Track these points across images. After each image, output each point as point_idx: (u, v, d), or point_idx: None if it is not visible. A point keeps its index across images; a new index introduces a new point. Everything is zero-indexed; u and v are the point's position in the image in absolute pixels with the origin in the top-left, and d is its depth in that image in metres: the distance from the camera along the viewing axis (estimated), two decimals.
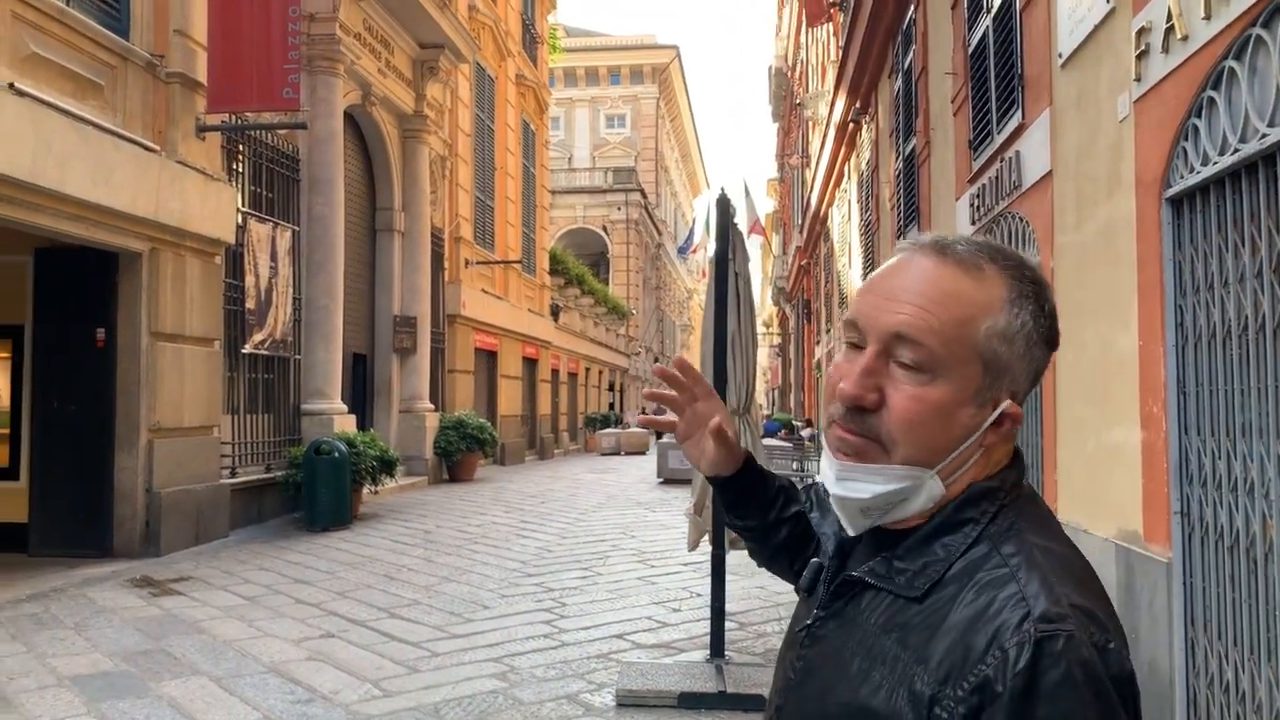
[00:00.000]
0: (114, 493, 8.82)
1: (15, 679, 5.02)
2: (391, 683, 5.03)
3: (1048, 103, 5.56)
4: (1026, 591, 0.84)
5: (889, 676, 0.87)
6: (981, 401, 0.91)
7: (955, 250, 0.93)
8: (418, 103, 15.79)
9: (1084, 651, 0.80)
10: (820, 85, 24.62)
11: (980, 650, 0.82)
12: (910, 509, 0.94)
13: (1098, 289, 4.78)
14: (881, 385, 0.91)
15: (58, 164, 7.54)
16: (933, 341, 0.89)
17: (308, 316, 12.32)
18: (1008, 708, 0.79)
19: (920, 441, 0.91)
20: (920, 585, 0.90)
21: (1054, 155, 5.46)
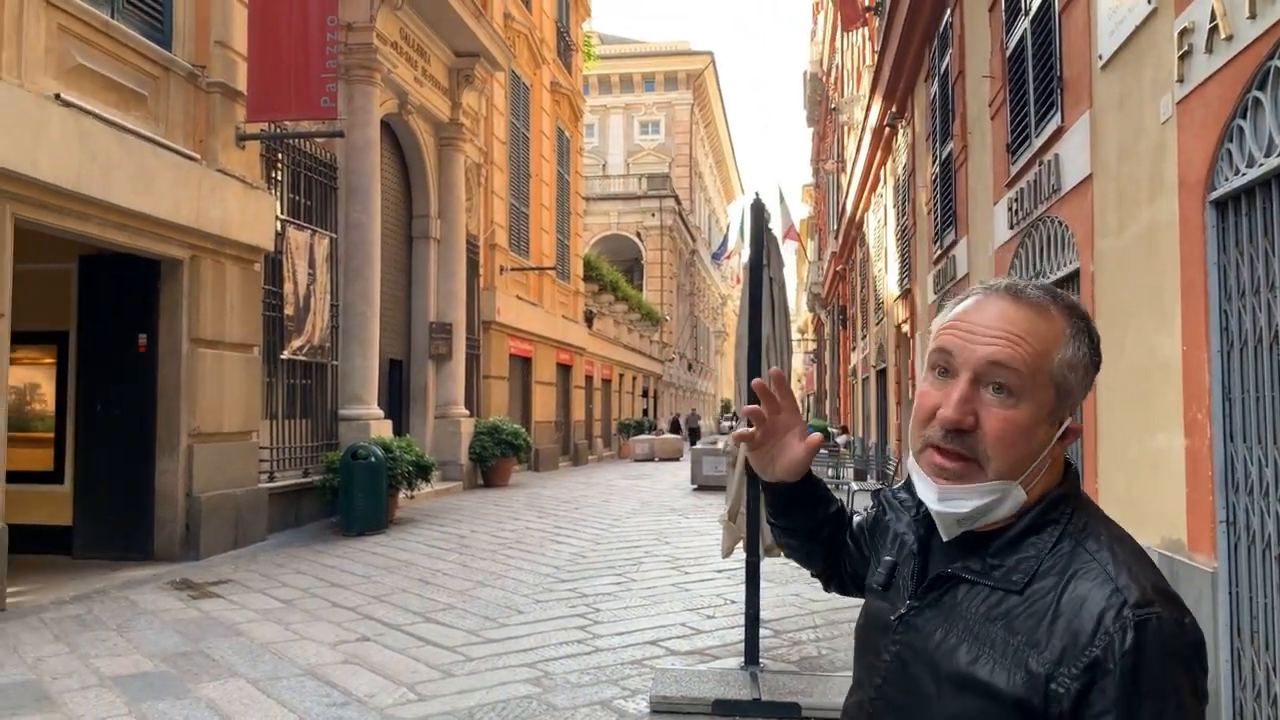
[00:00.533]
0: (155, 496, 8.95)
1: (59, 679, 5.11)
2: (426, 687, 5.05)
3: (1088, 105, 5.49)
4: (1119, 582, 1.01)
5: (1001, 659, 1.03)
6: (1053, 421, 1.09)
7: (1027, 294, 1.10)
8: (453, 111, 15.91)
9: (1171, 628, 0.98)
10: (855, 90, 24.50)
11: (1089, 635, 0.98)
12: (998, 514, 1.09)
13: (1139, 293, 4.71)
14: (976, 409, 1.07)
15: (102, 173, 7.68)
16: (1022, 369, 1.06)
17: (345, 323, 12.44)
18: (1119, 681, 0.96)
19: (1009, 457, 1.07)
20: (1018, 580, 1.06)
21: (1094, 158, 5.38)
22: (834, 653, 5.86)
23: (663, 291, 47.31)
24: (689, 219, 54.29)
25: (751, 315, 5.56)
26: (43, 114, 7.10)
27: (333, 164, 12.33)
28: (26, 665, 5.35)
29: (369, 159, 12.58)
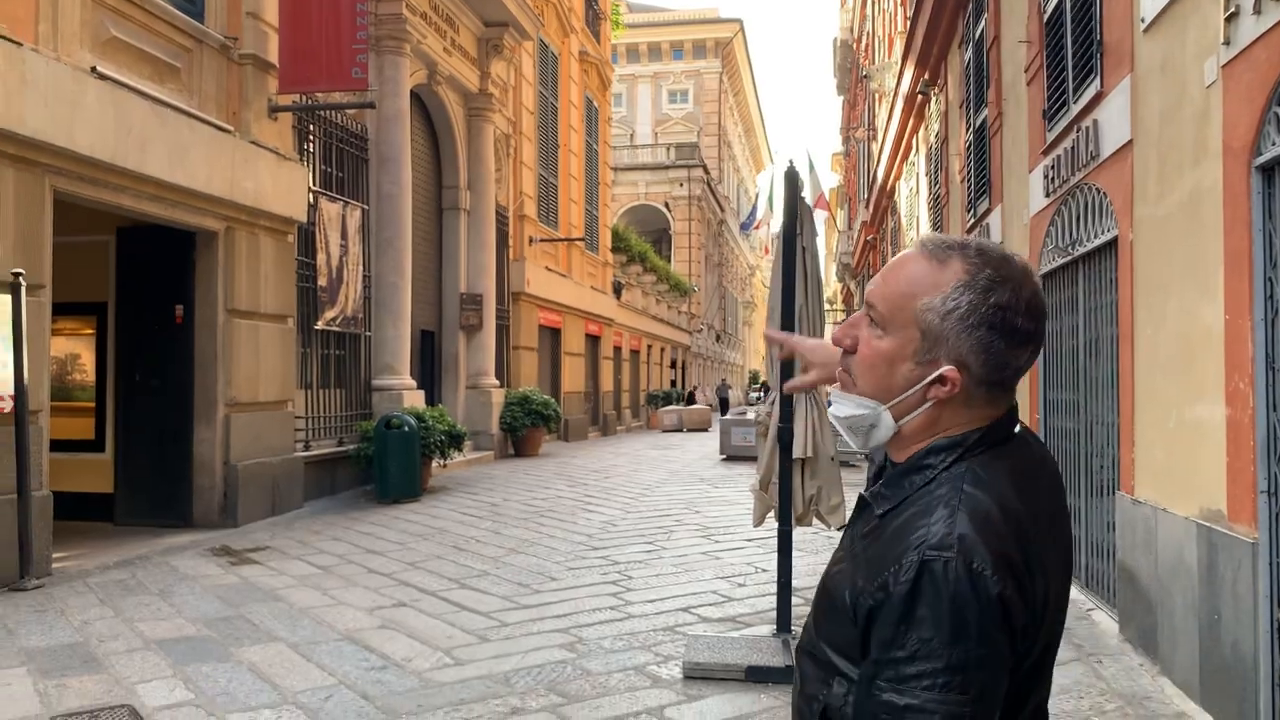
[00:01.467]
0: (193, 464, 9.10)
1: (105, 641, 5.23)
2: (462, 651, 5.12)
3: (1129, 69, 5.39)
4: (931, 523, 1.10)
5: (848, 572, 1.19)
6: (920, 361, 1.17)
7: (928, 244, 1.21)
8: (482, 81, 15.88)
9: (958, 574, 1.05)
10: (887, 57, 24.16)
11: (889, 561, 1.09)
12: (879, 436, 1.23)
13: (1180, 261, 4.64)
14: (855, 335, 1.23)
15: (138, 145, 7.75)
16: (881, 306, 1.19)
17: (377, 294, 12.52)
18: (895, 607, 1.06)
19: (868, 379, 1.21)
20: (882, 508, 1.19)
21: (1135, 124, 5.29)
22: None
23: (691, 262, 47.14)
24: (717, 189, 53.96)
25: (785, 285, 5.54)
26: (79, 87, 7.16)
27: (363, 135, 12.36)
28: (74, 628, 5.48)
29: (399, 130, 12.60)
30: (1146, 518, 5.00)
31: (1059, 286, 7.24)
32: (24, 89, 6.62)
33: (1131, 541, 5.23)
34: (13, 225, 6.71)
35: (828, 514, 6.22)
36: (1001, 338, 1.14)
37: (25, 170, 6.83)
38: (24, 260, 6.72)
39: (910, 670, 1.04)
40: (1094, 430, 6.29)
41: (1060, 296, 7.19)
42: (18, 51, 6.62)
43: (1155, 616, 4.90)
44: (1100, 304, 6.16)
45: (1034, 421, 7.89)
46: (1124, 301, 5.45)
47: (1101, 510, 6.09)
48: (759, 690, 4.53)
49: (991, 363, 1.15)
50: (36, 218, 6.95)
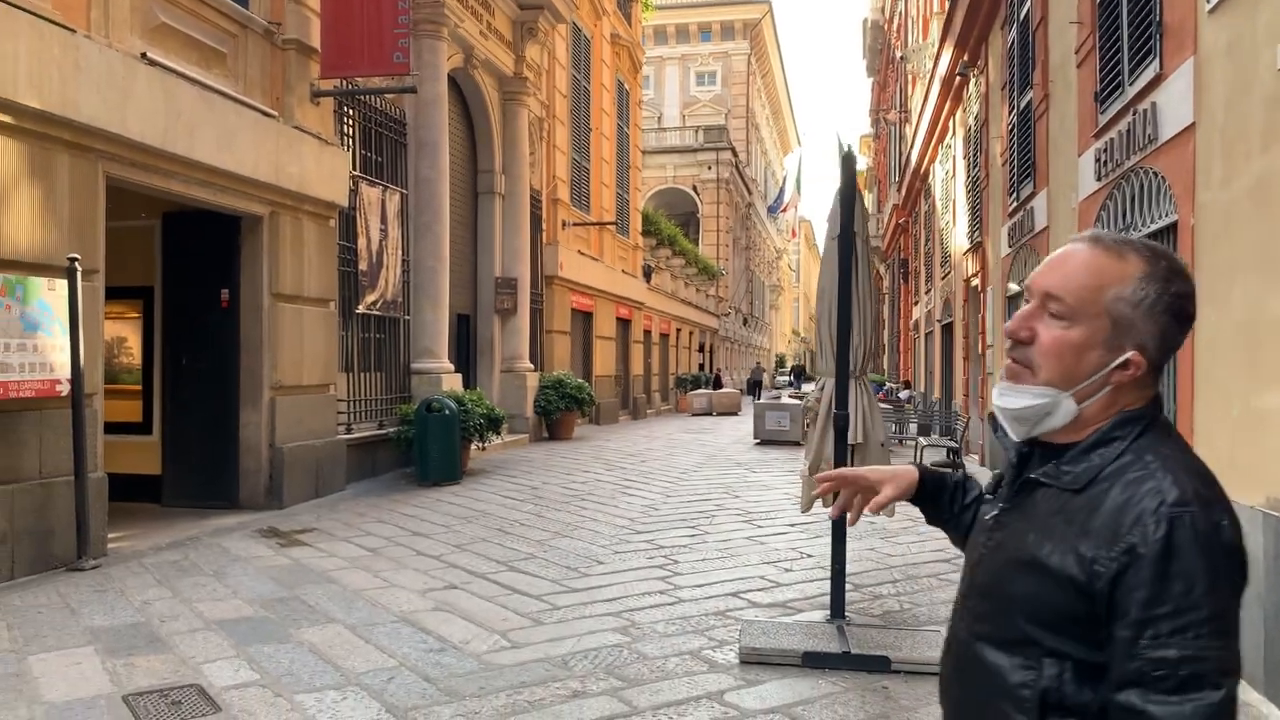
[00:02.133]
0: (239, 447, 9.21)
1: (166, 621, 5.32)
2: (518, 634, 5.17)
3: (1191, 52, 5.30)
4: (1162, 485, 1.17)
5: (1059, 545, 1.22)
6: (1109, 347, 1.25)
7: (1103, 239, 1.30)
8: (517, 64, 15.86)
9: (1205, 526, 1.14)
10: (921, 39, 23.90)
11: (1128, 525, 1.16)
12: (1054, 423, 1.29)
13: (1247, 248, 4.57)
14: (1034, 327, 1.29)
15: (186, 131, 7.82)
16: (1069, 298, 1.26)
17: (415, 278, 12.59)
18: (1151, 562, 1.13)
19: (1055, 367, 1.27)
20: (1080, 482, 1.25)
21: (1198, 107, 5.21)
22: (916, 607, 5.88)
23: (719, 245, 46.95)
24: (745, 171, 53.69)
25: (842, 275, 5.51)
26: (130, 73, 7.23)
27: (402, 120, 12.40)
28: (134, 608, 5.58)
29: (438, 114, 12.62)
30: None
31: None
32: (78, 76, 6.69)
33: None
34: (68, 211, 6.80)
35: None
36: (1176, 322, 1.26)
37: (79, 157, 6.91)
38: (78, 246, 6.81)
39: (1178, 623, 1.11)
40: None
41: None
42: (71, 38, 6.68)
43: None
44: None
45: None
46: None
47: None
48: (816, 675, 4.54)
49: (1166, 346, 1.26)
50: (90, 204, 7.03)
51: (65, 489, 6.67)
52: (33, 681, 4.33)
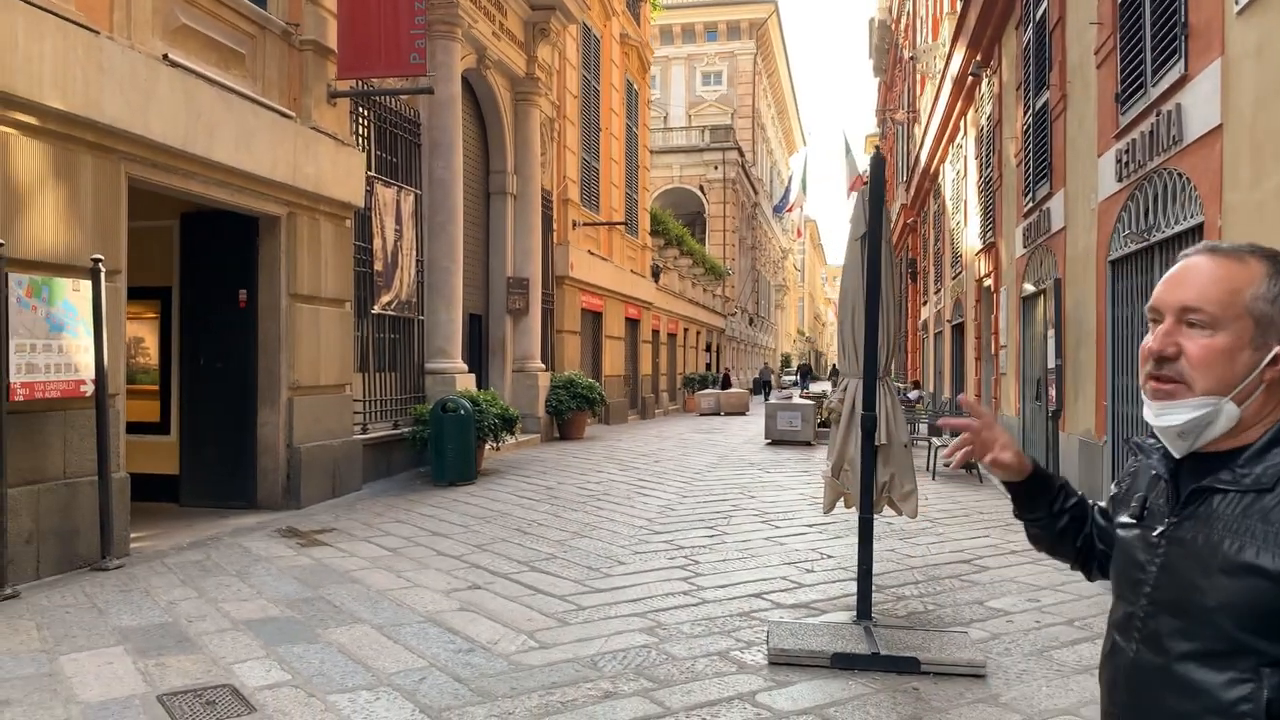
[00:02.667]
0: (257, 447, 9.23)
1: (194, 622, 5.34)
2: (545, 634, 5.18)
3: (1219, 53, 5.30)
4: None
5: (1264, 544, 1.22)
6: (1257, 346, 1.28)
7: (1221, 248, 1.35)
8: (529, 65, 15.88)
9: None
10: (930, 38, 23.88)
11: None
12: (1216, 430, 1.31)
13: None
14: (1179, 342, 1.32)
15: (206, 131, 7.84)
16: (1210, 306, 1.30)
17: (429, 279, 12.61)
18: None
19: (1211, 375, 1.29)
20: (1269, 480, 1.25)
21: (1226, 108, 5.21)
22: (940, 609, 5.88)
23: (725, 245, 46.98)
24: (751, 171, 53.68)
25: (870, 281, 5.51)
26: (153, 74, 7.25)
27: (416, 120, 12.42)
28: (161, 608, 5.60)
29: (451, 115, 12.64)
30: None
31: (1132, 273, 7.16)
32: (101, 77, 6.72)
33: None
34: (91, 212, 6.82)
35: (900, 501, 6.23)
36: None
37: (102, 158, 6.93)
38: (101, 246, 6.83)
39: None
40: None
41: (1134, 283, 7.11)
42: (95, 40, 6.71)
43: None
44: None
45: (1101, 408, 7.82)
46: None
47: None
48: (846, 676, 4.55)
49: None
50: (113, 204, 7.05)
51: (89, 489, 6.69)
52: (66, 681, 4.35)
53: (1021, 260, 11.46)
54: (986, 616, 5.69)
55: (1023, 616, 5.69)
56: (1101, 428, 7.79)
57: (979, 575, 6.78)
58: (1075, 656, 4.92)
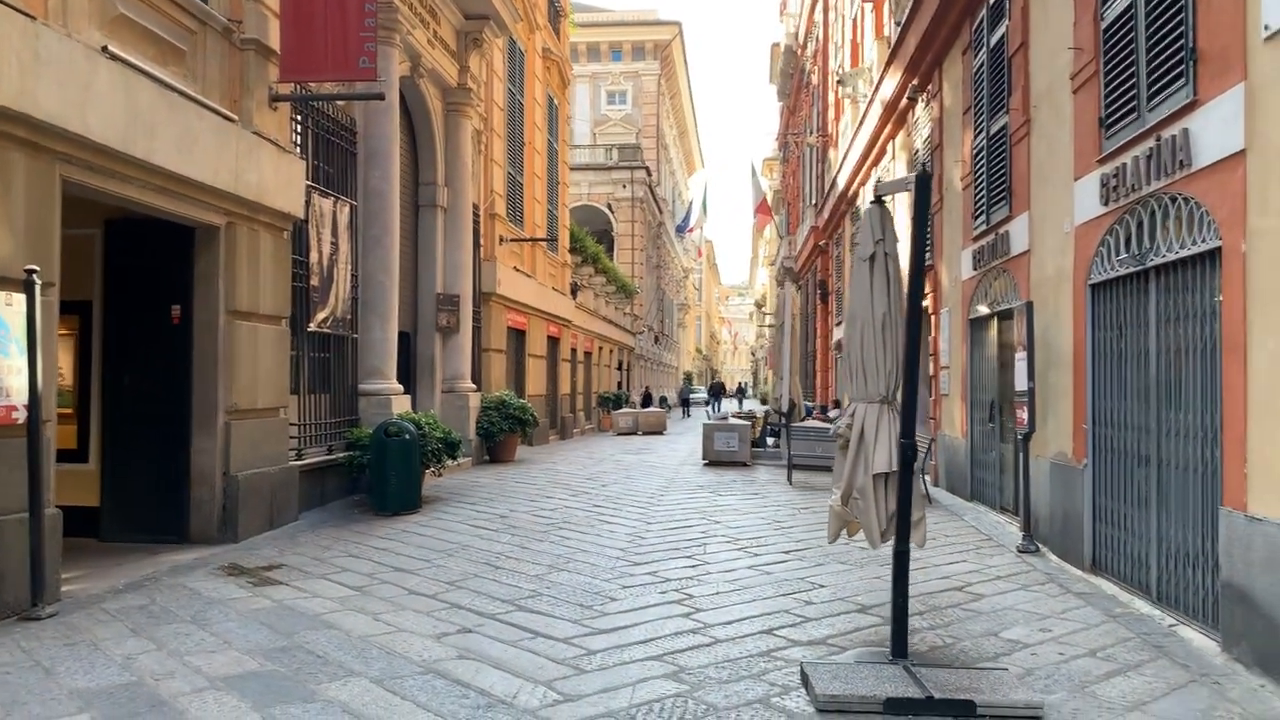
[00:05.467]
0: (191, 476, 8.52)
1: (162, 680, 4.73)
2: (565, 685, 4.75)
3: (1239, 78, 5.28)
4: None
5: None
6: None
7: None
8: (461, 75, 15.38)
9: None
10: (849, 64, 24.24)
11: None
12: None
13: None
14: None
15: (146, 132, 7.18)
16: None
17: (364, 294, 11.98)
18: None
19: None
20: None
21: (1251, 134, 5.18)
22: (958, 642, 5.68)
23: (634, 264, 46.95)
24: (656, 191, 53.87)
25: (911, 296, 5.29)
26: (92, 67, 6.58)
27: (353, 128, 11.81)
28: (118, 665, 4.96)
29: (389, 123, 12.08)
30: (1271, 536, 4.88)
31: (1119, 296, 7.16)
32: (38, 68, 6.04)
33: (1246, 560, 5.12)
34: (23, 218, 6.12)
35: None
36: None
37: (35, 158, 6.23)
38: (34, 256, 6.14)
39: None
40: (1175, 441, 6.20)
41: (1121, 306, 7.11)
42: (32, 26, 6.04)
43: None
44: (1184, 314, 6.07)
45: (1081, 431, 7.82)
46: (1232, 313, 5.34)
47: (1188, 522, 6.00)
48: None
49: None
50: (46, 210, 6.35)
51: (17, 527, 5.96)
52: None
53: (970, 283, 11.53)
54: (1008, 650, 5.51)
55: (1044, 649, 5.53)
56: (1081, 451, 7.78)
57: (978, 604, 6.62)
58: (1117, 692, 4.77)
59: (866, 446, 5.92)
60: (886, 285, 6.00)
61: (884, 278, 6.01)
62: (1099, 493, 7.53)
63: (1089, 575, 7.52)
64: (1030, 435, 8.53)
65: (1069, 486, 7.98)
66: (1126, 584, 6.95)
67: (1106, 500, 7.38)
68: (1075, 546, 7.82)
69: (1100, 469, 7.51)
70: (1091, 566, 7.58)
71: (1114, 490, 7.25)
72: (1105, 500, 7.40)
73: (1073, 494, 7.89)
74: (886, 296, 5.98)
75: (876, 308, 5.98)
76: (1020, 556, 8.32)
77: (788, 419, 16.37)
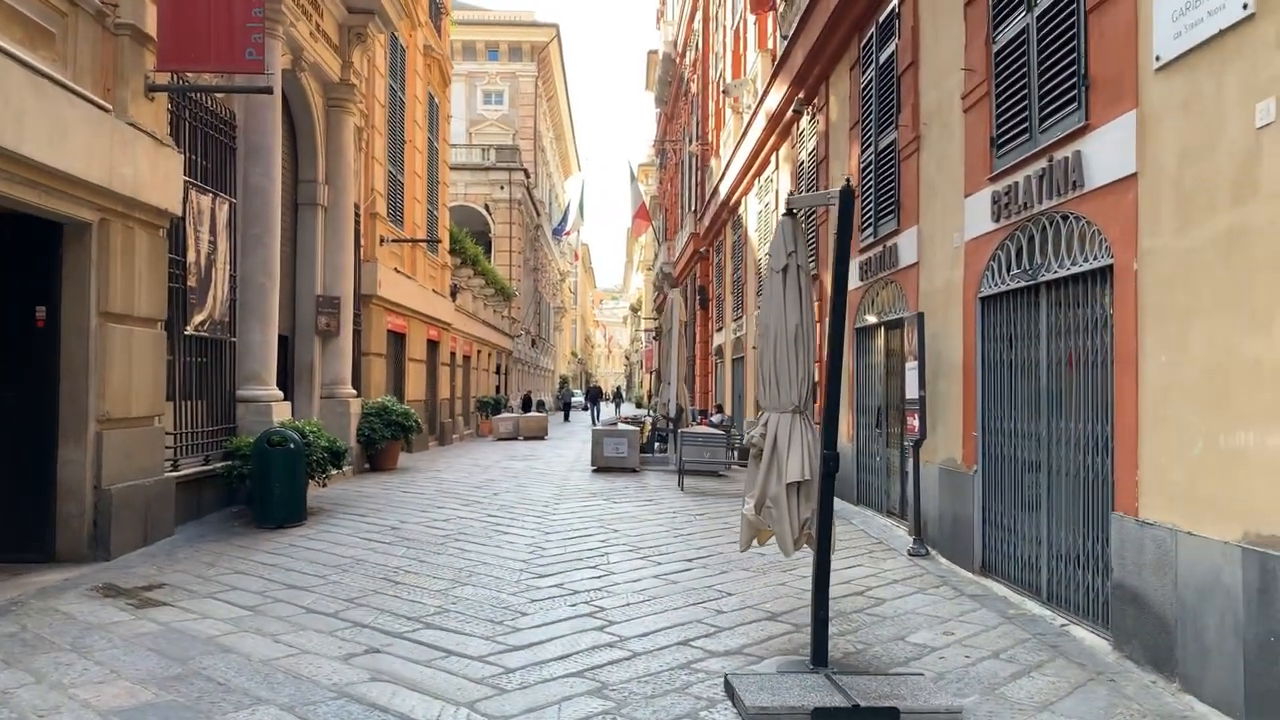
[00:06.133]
0: (57, 490, 7.93)
1: (47, 716, 4.36)
2: (487, 705, 4.61)
3: (1132, 105, 5.57)
4: None
5: None
6: None
7: None
8: (344, 70, 14.89)
9: None
10: (730, 75, 24.63)
11: None
12: None
13: (1212, 293, 4.81)
14: None
15: (14, 121, 6.65)
16: None
17: (243, 296, 11.43)
18: None
19: None
20: None
21: (1142, 158, 5.47)
22: (869, 647, 5.79)
23: (511, 266, 46.50)
24: (534, 193, 53.55)
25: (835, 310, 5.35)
26: None
27: (232, 122, 11.25)
28: None
29: (271, 117, 11.57)
30: (1161, 539, 5.16)
31: (1008, 309, 7.46)
32: None
33: (1138, 562, 5.40)
34: None
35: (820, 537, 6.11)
36: None
37: None
38: None
39: None
40: (1065, 449, 6.50)
41: (1010, 318, 7.41)
42: None
43: (1173, 636, 5.06)
44: (1075, 327, 6.36)
45: (970, 439, 8.11)
46: (1124, 328, 5.63)
47: (1079, 526, 6.29)
48: None
49: None
50: None
51: None
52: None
53: (857, 293, 11.85)
54: (918, 654, 5.65)
55: (950, 652, 5.70)
56: (971, 458, 8.08)
57: (880, 609, 6.78)
58: (1025, 693, 4.95)
59: (780, 455, 5.98)
60: (799, 297, 6.08)
61: (796, 290, 6.09)
62: (989, 498, 7.84)
63: (979, 577, 7.82)
64: (920, 442, 8.81)
65: (959, 492, 8.27)
66: (1016, 586, 7.25)
67: (996, 505, 7.68)
68: (965, 550, 8.11)
69: (990, 475, 7.82)
70: (981, 569, 7.87)
71: (1003, 496, 7.55)
72: (995, 505, 7.70)
73: (962, 499, 8.18)
74: (799, 308, 6.05)
75: (789, 319, 6.05)
76: (912, 560, 8.58)
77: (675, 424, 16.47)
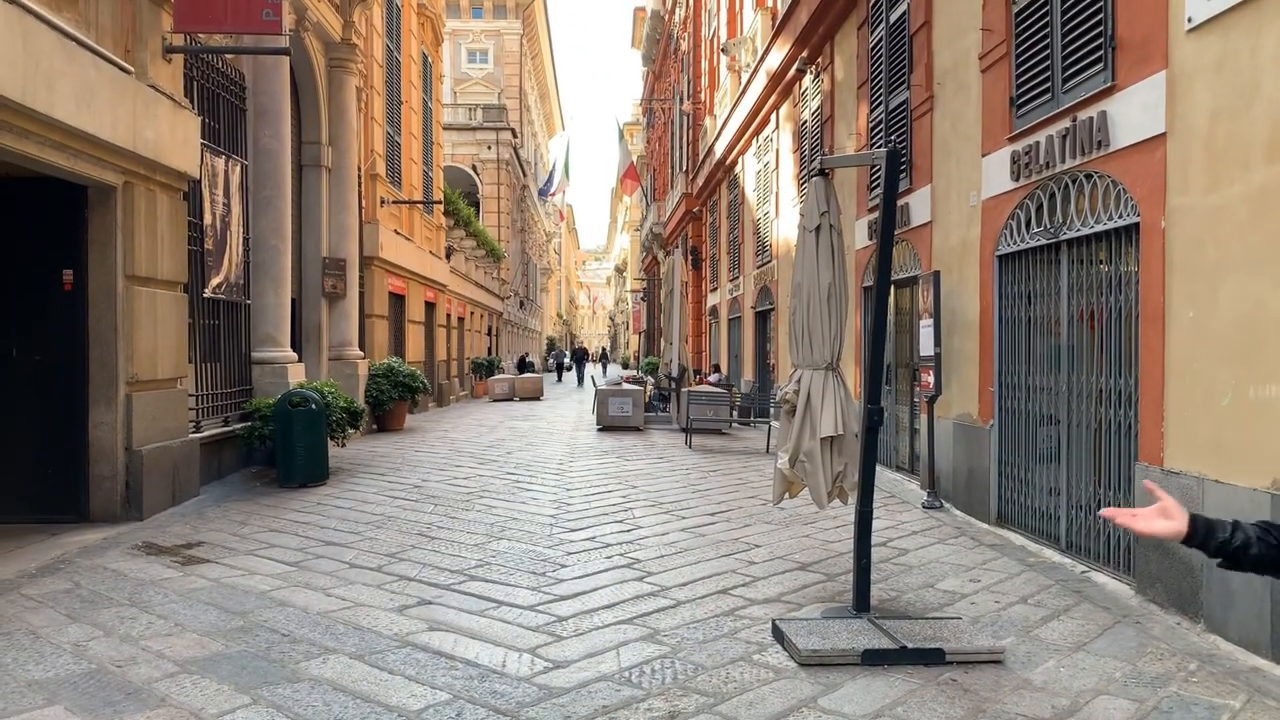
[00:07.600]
0: (89, 451, 8.03)
1: (126, 667, 4.51)
2: (549, 651, 4.80)
3: (1161, 66, 5.69)
4: None
5: None
6: None
7: None
8: (346, 30, 14.78)
9: None
10: (725, 33, 24.52)
11: None
12: None
13: (1242, 250, 4.97)
14: None
15: (46, 84, 6.66)
16: None
17: (256, 258, 11.46)
18: None
19: None
20: None
21: (1172, 118, 5.60)
22: (902, 594, 6.01)
23: (500, 227, 46.33)
24: (520, 153, 53.22)
25: (880, 269, 5.48)
26: None
27: (242, 83, 11.20)
28: (69, 654, 4.69)
29: (279, 79, 11.54)
30: (1188, 488, 5.37)
31: (1027, 266, 7.62)
32: None
33: None
34: None
35: (850, 490, 6.29)
36: None
37: None
38: None
39: None
40: (1085, 403, 6.69)
41: (1030, 275, 7.57)
42: None
43: (1198, 580, 5.29)
44: (1098, 284, 6.53)
45: (987, 394, 8.31)
46: (1150, 284, 5.80)
47: (1100, 477, 6.51)
48: (882, 673, 4.52)
49: None
50: None
51: None
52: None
53: (865, 252, 11.97)
54: (950, 600, 5.87)
55: (980, 598, 5.93)
56: (987, 413, 8.28)
57: (905, 558, 7.00)
58: (1058, 635, 5.17)
59: (813, 411, 6.13)
60: (832, 256, 6.21)
61: (829, 249, 6.22)
62: (1005, 451, 8.05)
63: (995, 528, 8.05)
64: (935, 398, 9.01)
65: (974, 446, 8.48)
66: (1034, 535, 7.48)
67: (1013, 458, 7.90)
68: (981, 502, 8.34)
69: (1006, 429, 8.02)
70: (998, 520, 8.11)
71: (1020, 449, 7.77)
72: (1011, 458, 7.92)
73: (978, 453, 8.40)
74: (832, 267, 6.19)
75: (822, 278, 6.18)
76: (927, 512, 8.81)
77: (678, 384, 16.65)
